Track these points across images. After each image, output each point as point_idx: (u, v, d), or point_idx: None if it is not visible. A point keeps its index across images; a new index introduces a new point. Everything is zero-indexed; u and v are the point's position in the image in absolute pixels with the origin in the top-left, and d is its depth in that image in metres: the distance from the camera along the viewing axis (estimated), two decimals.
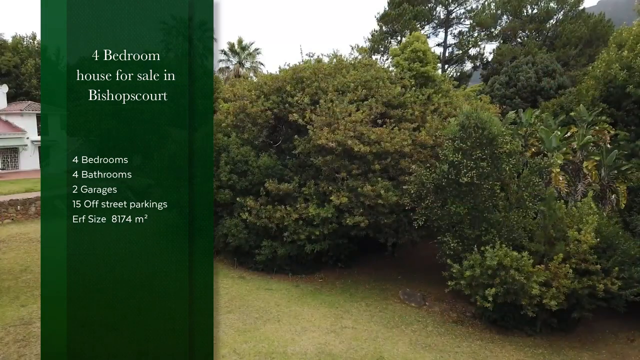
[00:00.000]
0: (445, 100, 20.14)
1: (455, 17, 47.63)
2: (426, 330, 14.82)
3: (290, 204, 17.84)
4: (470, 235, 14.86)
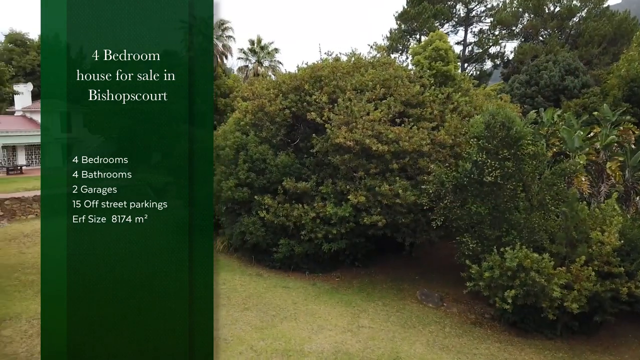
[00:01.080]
0: (465, 99, 19.93)
1: (475, 15, 47.10)
2: (444, 331, 14.69)
3: (307, 202, 17.86)
4: (490, 236, 14.68)
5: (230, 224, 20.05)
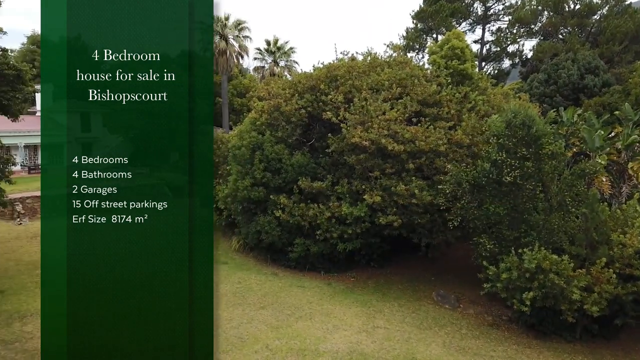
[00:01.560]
0: (483, 98, 19.70)
1: (493, 13, 46.55)
2: (460, 333, 14.55)
3: (323, 202, 17.86)
4: (509, 236, 14.48)
5: (246, 223, 20.14)
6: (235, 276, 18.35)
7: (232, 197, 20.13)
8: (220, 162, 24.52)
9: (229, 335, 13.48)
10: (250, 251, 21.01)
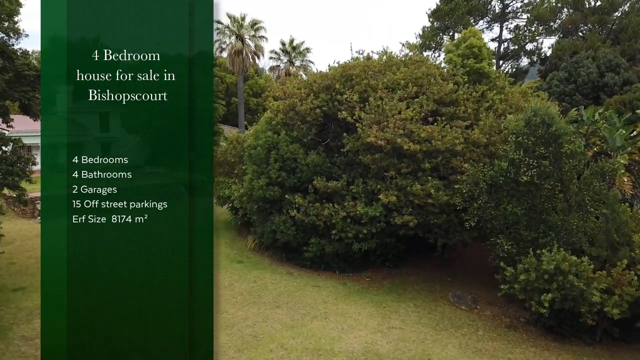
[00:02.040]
0: (500, 97, 19.44)
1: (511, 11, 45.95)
2: (477, 335, 14.39)
3: (338, 201, 17.82)
4: (526, 237, 14.27)
5: (262, 223, 20.21)
6: (250, 275, 18.44)
7: (247, 196, 20.20)
8: (236, 162, 24.65)
9: (244, 334, 13.54)
10: (266, 250, 21.08)
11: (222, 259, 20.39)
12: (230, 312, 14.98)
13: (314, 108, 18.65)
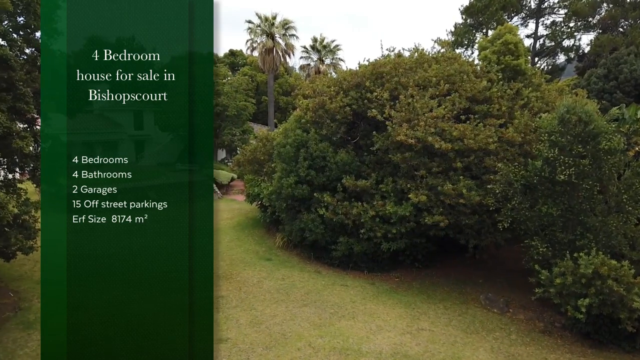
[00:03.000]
0: (536, 94, 18.86)
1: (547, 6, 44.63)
2: (509, 339, 14.01)
3: (367, 200, 17.67)
4: (563, 239, 13.79)
5: (290, 221, 20.25)
6: (278, 273, 18.49)
7: (276, 194, 20.28)
8: (265, 160, 24.79)
9: (273, 331, 13.57)
10: (294, 248, 21.11)
11: (250, 256, 20.54)
12: (258, 310, 15.05)
13: (343, 106, 18.53)
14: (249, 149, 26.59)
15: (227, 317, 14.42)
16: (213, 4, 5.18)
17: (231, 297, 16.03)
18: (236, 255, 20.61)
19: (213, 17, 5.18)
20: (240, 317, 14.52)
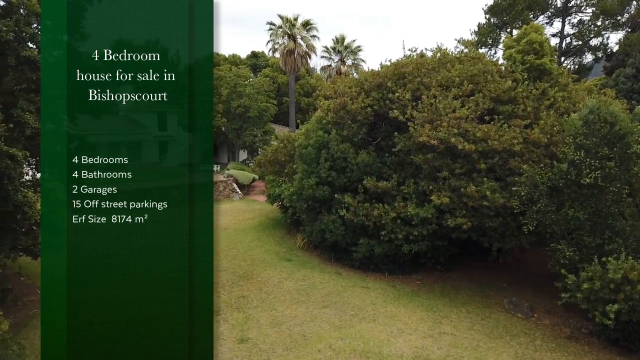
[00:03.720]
0: (563, 94, 18.43)
1: (574, 5, 43.63)
2: (534, 344, 13.69)
3: (388, 202, 17.52)
4: (590, 243, 13.42)
5: (311, 222, 20.23)
6: (299, 273, 18.48)
7: (297, 195, 20.29)
8: (286, 161, 24.84)
9: (293, 332, 13.56)
10: (314, 249, 21.09)
11: (271, 256, 20.60)
12: (279, 310, 15.07)
13: (364, 107, 18.43)
14: (270, 150, 26.70)
15: (247, 317, 14.48)
16: (213, 4, 5.17)
17: (252, 297, 16.08)
18: (257, 255, 20.69)
19: (213, 17, 5.18)
20: (261, 317, 14.55)
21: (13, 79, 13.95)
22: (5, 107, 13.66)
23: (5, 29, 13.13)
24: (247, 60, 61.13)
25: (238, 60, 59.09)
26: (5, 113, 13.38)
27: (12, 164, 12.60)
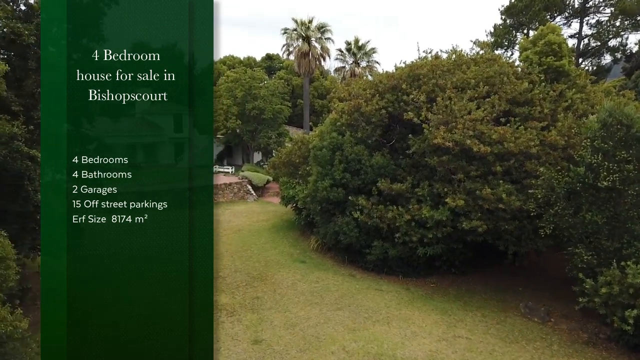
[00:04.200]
0: (581, 96, 18.16)
1: (592, 5, 43.01)
2: (551, 349, 13.50)
3: (402, 204, 17.45)
4: (609, 247, 13.20)
5: (325, 224, 20.23)
6: (312, 275, 18.49)
7: (311, 197, 20.32)
8: (300, 163, 24.91)
9: (307, 334, 13.57)
10: (328, 251, 21.08)
11: (285, 258, 20.64)
12: (292, 312, 15.09)
13: (379, 109, 18.40)
14: (284, 152, 26.80)
15: (261, 319, 14.53)
16: (213, 4, 5.15)
17: (266, 299, 16.14)
18: (271, 256, 20.76)
19: (213, 17, 5.16)
20: (275, 318, 14.59)
21: (34, 82, 14.23)
22: (26, 109, 13.94)
23: (27, 32, 13.41)
24: (262, 63, 61.45)
25: (253, 63, 59.43)
26: (26, 115, 13.66)
27: (32, 165, 12.84)
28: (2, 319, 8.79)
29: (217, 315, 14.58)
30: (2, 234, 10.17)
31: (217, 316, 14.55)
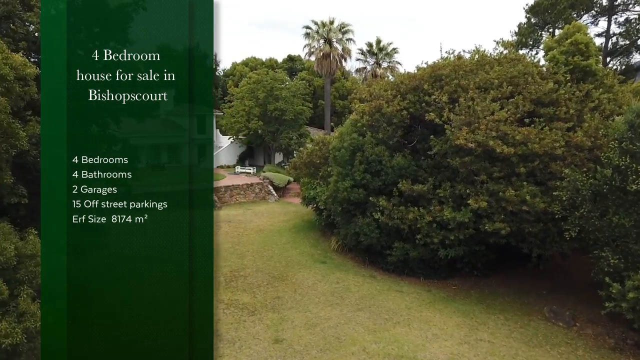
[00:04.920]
0: (608, 96, 17.74)
1: (621, 3, 41.95)
2: (576, 354, 13.23)
3: (423, 205, 17.33)
4: (637, 251, 12.86)
5: (345, 224, 20.24)
6: (333, 276, 18.52)
7: (332, 197, 20.36)
8: (321, 163, 24.97)
9: (327, 335, 13.61)
10: (349, 252, 21.08)
11: (306, 258, 20.72)
12: (313, 312, 15.15)
13: (400, 110, 18.31)
14: (305, 153, 26.90)
15: (282, 319, 14.62)
16: (213, 4, 5.14)
17: (286, 299, 16.23)
18: (292, 257, 20.87)
19: (213, 17, 5.14)
20: (295, 318, 14.67)
21: None
22: None
23: None
24: (284, 64, 61.77)
25: (275, 64, 59.80)
26: None
27: None
28: (32, 314, 9.06)
29: (239, 315, 14.74)
30: (33, 232, 10.47)
31: (239, 315, 14.71)
